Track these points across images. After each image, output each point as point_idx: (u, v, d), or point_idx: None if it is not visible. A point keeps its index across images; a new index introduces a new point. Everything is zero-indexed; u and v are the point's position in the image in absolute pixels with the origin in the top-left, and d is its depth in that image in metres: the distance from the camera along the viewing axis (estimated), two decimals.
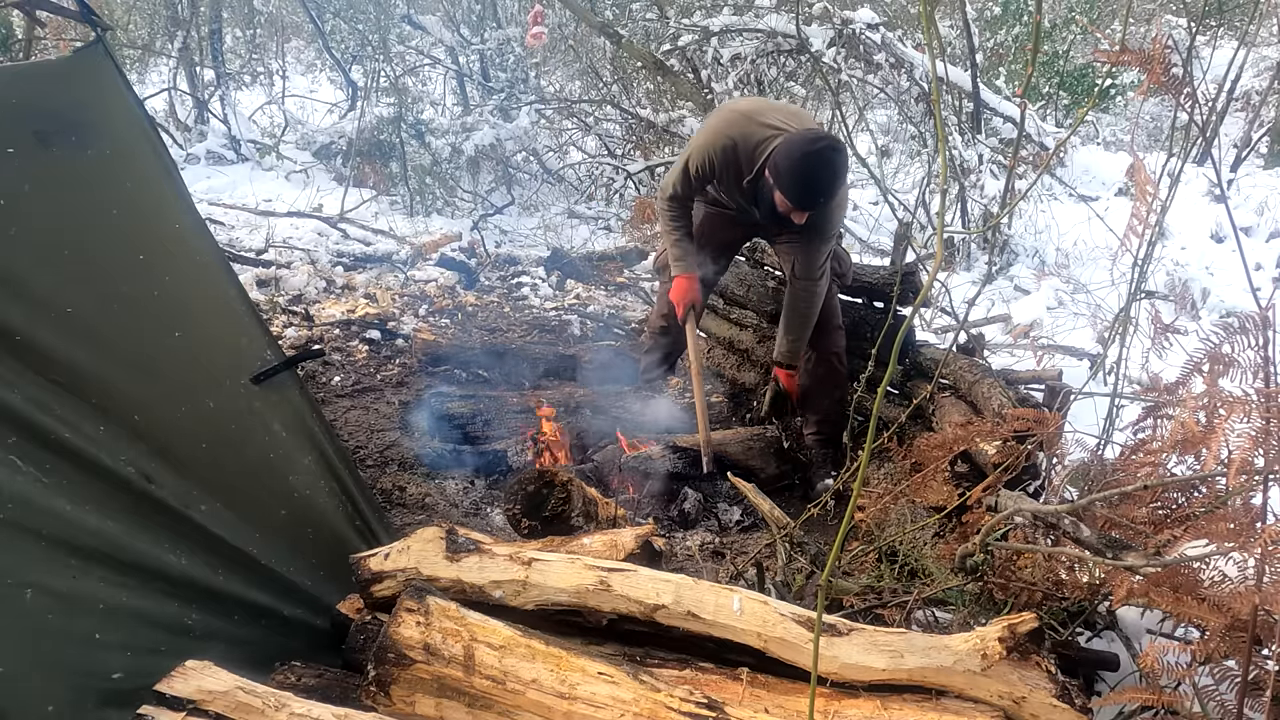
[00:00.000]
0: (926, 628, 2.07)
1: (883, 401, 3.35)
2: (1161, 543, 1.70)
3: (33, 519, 1.51)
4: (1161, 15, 9.51)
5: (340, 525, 2.17)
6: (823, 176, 2.87)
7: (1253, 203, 7.28)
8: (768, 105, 3.21)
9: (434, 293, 5.90)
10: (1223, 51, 8.97)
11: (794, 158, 2.84)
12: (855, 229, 7.10)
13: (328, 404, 3.93)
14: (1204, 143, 4.70)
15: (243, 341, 2.10)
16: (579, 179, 8.78)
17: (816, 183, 2.88)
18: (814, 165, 2.84)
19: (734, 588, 1.76)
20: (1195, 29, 3.47)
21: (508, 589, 1.76)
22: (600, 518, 2.64)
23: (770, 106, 3.19)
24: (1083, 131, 9.29)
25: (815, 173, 2.85)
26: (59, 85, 1.82)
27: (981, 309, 5.38)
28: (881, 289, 3.56)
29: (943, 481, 2.47)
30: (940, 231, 1.27)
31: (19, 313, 1.61)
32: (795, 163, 2.84)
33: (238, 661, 1.62)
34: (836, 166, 2.87)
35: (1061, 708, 1.59)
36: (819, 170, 2.85)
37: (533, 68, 8.45)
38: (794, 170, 2.85)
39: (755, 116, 3.06)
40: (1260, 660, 1.45)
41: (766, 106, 3.18)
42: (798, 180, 2.86)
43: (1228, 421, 1.32)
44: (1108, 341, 3.05)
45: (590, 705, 1.54)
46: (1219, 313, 5.40)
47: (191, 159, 8.54)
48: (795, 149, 2.85)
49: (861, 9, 6.73)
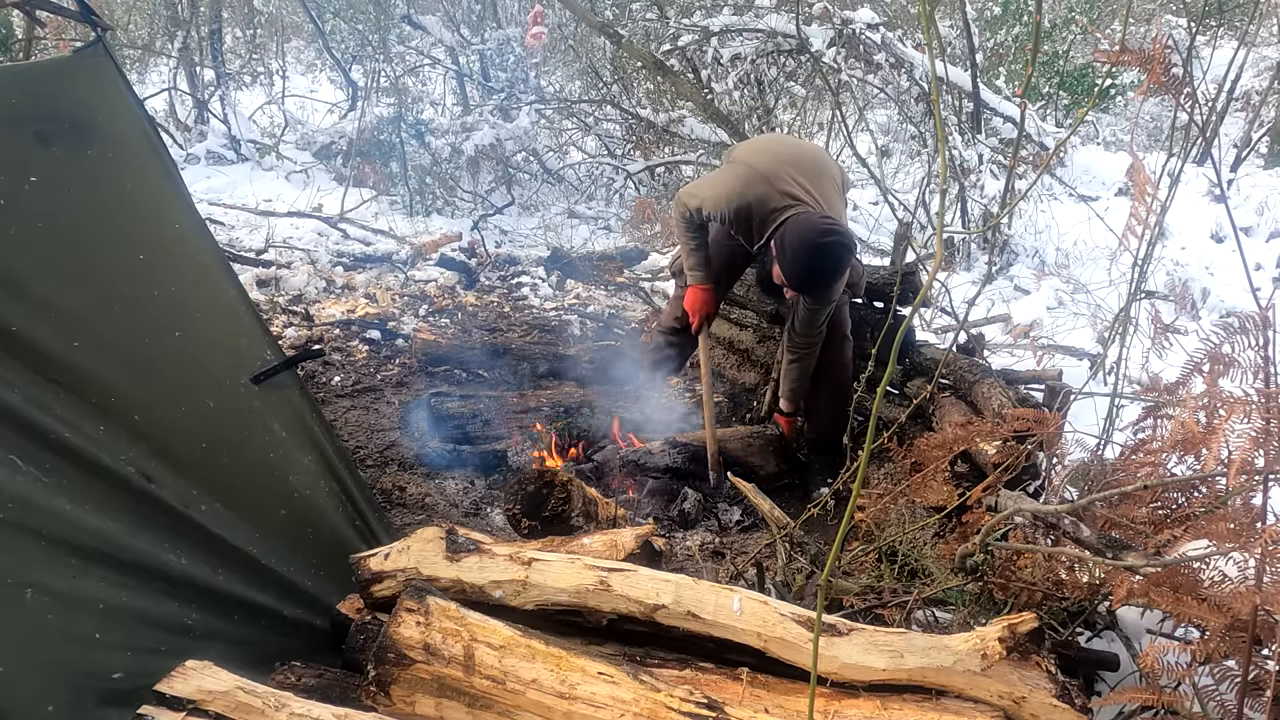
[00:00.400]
0: (926, 628, 2.07)
1: (883, 401, 3.35)
2: (1161, 543, 1.70)
3: (33, 519, 1.51)
4: (1161, 15, 9.51)
5: (340, 525, 2.17)
6: (825, 268, 2.91)
7: (1253, 203, 7.28)
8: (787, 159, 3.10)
9: (434, 293, 5.90)
10: (1223, 51, 8.98)
11: (802, 244, 2.85)
12: (855, 229, 7.10)
13: (328, 404, 3.94)
14: (1204, 143, 4.70)
15: (243, 341, 2.10)
16: (579, 179, 8.78)
17: (818, 273, 2.92)
18: (819, 257, 2.87)
19: (734, 588, 1.76)
20: (1195, 29, 3.47)
21: (508, 589, 1.76)
22: (600, 518, 2.64)
23: (793, 163, 3.09)
24: (1083, 131, 9.29)
25: (819, 263, 2.89)
26: (59, 85, 1.82)
27: (981, 309, 5.38)
28: (881, 289, 3.56)
29: (943, 481, 2.47)
30: (940, 231, 1.27)
31: (19, 313, 1.62)
32: (801, 250, 2.86)
33: (238, 661, 1.62)
34: (842, 261, 2.91)
35: (1061, 708, 1.58)
36: (823, 262, 2.88)
37: (533, 68, 8.45)
38: (799, 256, 2.87)
39: (774, 180, 3.00)
40: (1260, 660, 1.45)
41: (785, 162, 3.08)
42: (800, 266, 2.89)
43: (1228, 422, 1.32)
44: (1108, 341, 3.06)
45: (590, 705, 1.54)
46: (1219, 313, 5.40)
47: (191, 159, 8.54)
48: (806, 235, 2.85)
49: (861, 9, 6.73)
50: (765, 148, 3.32)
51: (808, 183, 3.02)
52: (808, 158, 3.17)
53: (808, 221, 2.88)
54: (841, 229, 2.92)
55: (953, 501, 2.23)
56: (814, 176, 3.07)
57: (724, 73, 7.18)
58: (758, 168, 3.07)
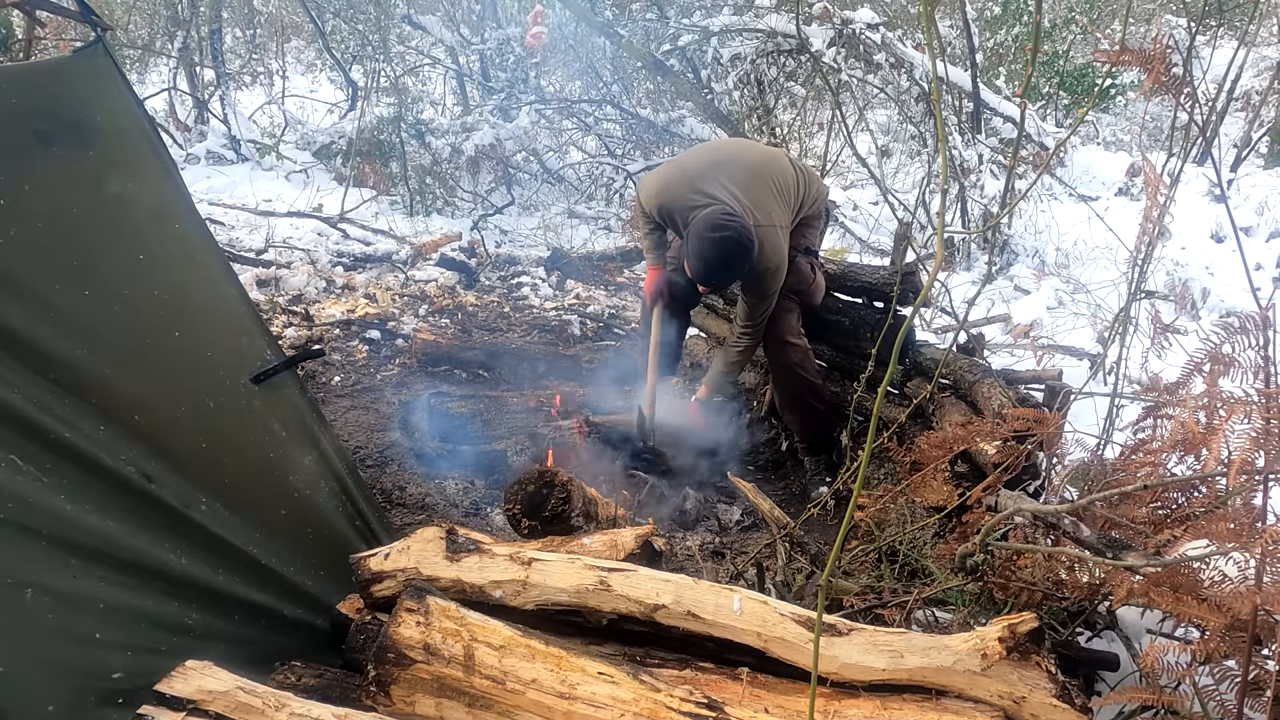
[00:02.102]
0: (926, 628, 2.07)
1: (883, 401, 3.35)
2: (1161, 543, 1.70)
3: (33, 519, 1.51)
4: (1161, 15, 9.51)
5: (340, 525, 2.17)
6: (717, 262, 2.99)
7: (1253, 203, 7.28)
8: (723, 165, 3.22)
9: (434, 293, 5.90)
10: (1223, 51, 8.97)
11: (696, 237, 3.00)
12: (855, 229, 7.10)
13: (328, 404, 3.94)
14: (1204, 143, 4.71)
15: (243, 341, 2.10)
16: (579, 179, 8.78)
17: (710, 264, 3.01)
18: (711, 249, 2.98)
19: (734, 588, 1.76)
20: (1195, 29, 3.47)
21: (508, 589, 1.76)
22: (600, 518, 2.64)
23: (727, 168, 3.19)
24: (1083, 131, 9.29)
25: (711, 255, 2.99)
26: (59, 85, 1.82)
27: (981, 309, 5.38)
28: (881, 289, 3.56)
29: (943, 481, 2.47)
30: (940, 231, 1.27)
31: (19, 313, 1.61)
32: (694, 241, 3.00)
33: (238, 661, 1.62)
34: (732, 257, 2.98)
35: (1061, 707, 1.58)
36: (713, 256, 2.98)
37: (533, 68, 8.44)
38: (694, 249, 3.01)
39: (697, 181, 3.15)
40: (1260, 660, 1.45)
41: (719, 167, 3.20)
42: (695, 258, 3.02)
43: (1228, 422, 1.32)
44: (1108, 341, 3.06)
45: (590, 705, 1.53)
46: (1219, 313, 5.40)
47: (191, 159, 8.54)
48: (700, 228, 2.99)
49: (861, 9, 6.73)
50: (709, 151, 3.53)
51: (735, 186, 3.12)
52: (749, 162, 3.28)
53: (707, 217, 3.01)
54: (736, 224, 2.98)
55: (953, 501, 2.23)
56: (747, 180, 3.16)
57: (724, 73, 7.18)
58: (687, 168, 3.26)
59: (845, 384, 3.70)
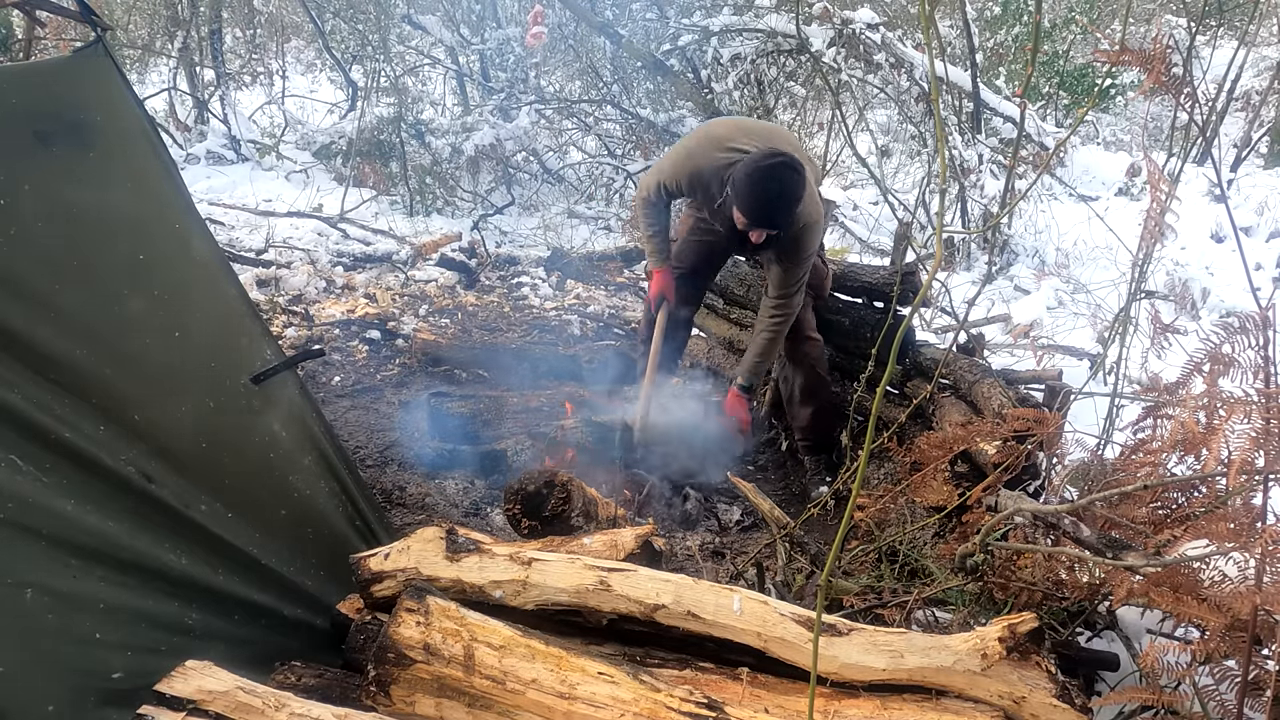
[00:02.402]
0: (926, 628, 2.07)
1: (882, 401, 3.35)
2: (1161, 543, 1.70)
3: (33, 519, 1.51)
4: (1161, 15, 9.51)
5: (340, 525, 2.17)
6: (773, 191, 2.89)
7: (1253, 203, 7.28)
8: (743, 128, 3.20)
9: (434, 293, 5.90)
10: (1223, 51, 8.98)
11: (748, 174, 2.89)
12: (855, 229, 7.10)
13: (328, 404, 3.94)
14: (1204, 143, 4.70)
15: (243, 341, 2.10)
16: (579, 179, 8.78)
17: (767, 197, 2.90)
18: (765, 180, 2.87)
19: (734, 588, 1.76)
20: (1195, 29, 3.47)
21: (508, 589, 1.76)
22: (600, 518, 2.64)
23: (746, 129, 3.17)
24: (1083, 131, 9.29)
25: (766, 187, 2.88)
26: (59, 85, 1.82)
27: (981, 309, 5.38)
28: (881, 289, 3.56)
29: (943, 481, 2.47)
30: (940, 231, 1.27)
31: (19, 313, 1.61)
32: (748, 179, 2.88)
33: (238, 661, 1.62)
34: (787, 182, 2.89)
35: (1061, 707, 1.59)
36: (769, 185, 2.87)
37: (533, 68, 8.44)
38: (747, 186, 2.89)
39: (724, 141, 3.09)
40: (1260, 660, 1.45)
41: (740, 130, 3.17)
42: (750, 196, 2.89)
43: (1228, 422, 1.32)
44: (1108, 341, 3.06)
45: (590, 705, 1.53)
46: (1219, 313, 5.40)
47: (191, 159, 8.53)
48: (750, 165, 2.90)
49: (861, 9, 6.73)
50: (726, 120, 3.50)
51: (761, 141, 3.06)
52: (768, 128, 3.26)
53: (753, 157, 2.93)
54: (787, 154, 2.92)
55: (953, 501, 2.23)
56: (769, 138, 3.12)
57: (724, 73, 7.17)
58: (711, 133, 3.20)
59: (845, 384, 3.70)
